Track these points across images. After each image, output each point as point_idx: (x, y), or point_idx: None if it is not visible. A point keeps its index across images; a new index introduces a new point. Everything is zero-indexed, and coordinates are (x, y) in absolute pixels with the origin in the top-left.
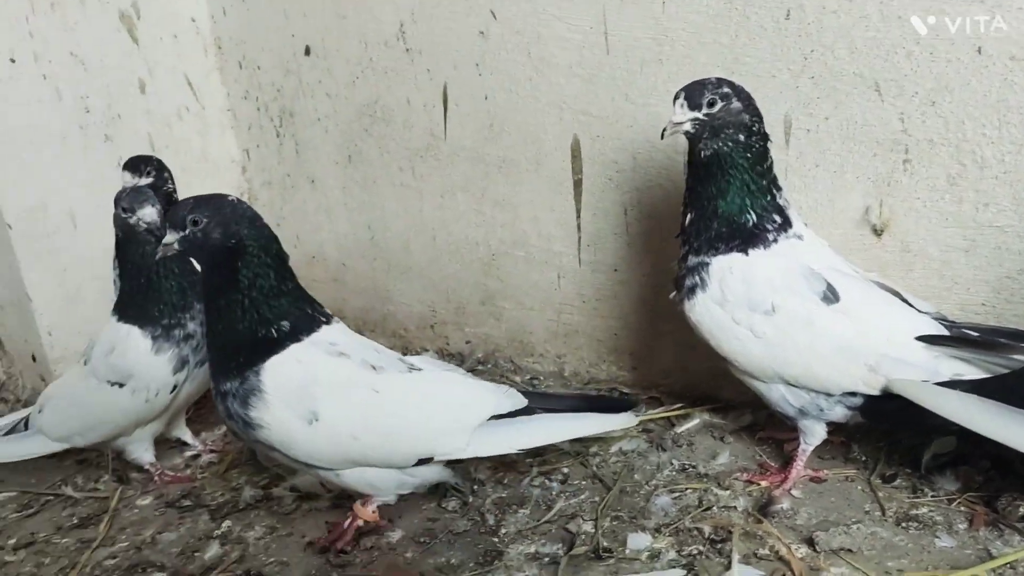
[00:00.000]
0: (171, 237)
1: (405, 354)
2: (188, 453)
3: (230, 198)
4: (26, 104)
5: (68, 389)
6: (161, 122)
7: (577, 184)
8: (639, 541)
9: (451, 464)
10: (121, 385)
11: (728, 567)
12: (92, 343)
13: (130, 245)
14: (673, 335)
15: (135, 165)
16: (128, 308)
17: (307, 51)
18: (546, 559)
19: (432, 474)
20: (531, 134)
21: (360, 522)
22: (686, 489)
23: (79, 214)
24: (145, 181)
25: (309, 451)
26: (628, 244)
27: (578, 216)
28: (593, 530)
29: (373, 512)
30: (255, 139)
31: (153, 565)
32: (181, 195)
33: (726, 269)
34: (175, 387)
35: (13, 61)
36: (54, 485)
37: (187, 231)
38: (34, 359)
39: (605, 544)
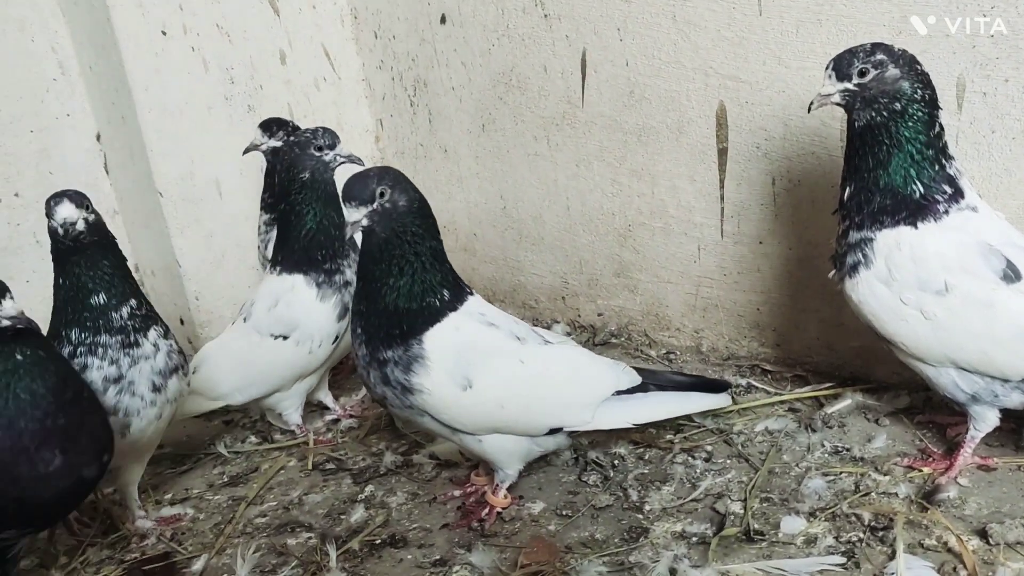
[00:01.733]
0: (358, 214)
1: (535, 326)
2: (329, 417)
3: (393, 168)
4: (176, 75)
5: (228, 348)
6: (300, 92)
7: (722, 153)
8: (793, 525)
9: (571, 435)
10: (285, 337)
11: (892, 556)
12: (251, 300)
13: (314, 189)
14: (819, 312)
15: (267, 125)
16: (289, 258)
17: (443, 19)
18: (694, 538)
19: (554, 444)
20: (673, 101)
21: (498, 509)
22: (840, 473)
23: (224, 182)
24: (275, 143)
25: (459, 416)
26: (775, 215)
27: (721, 186)
28: (742, 511)
29: (505, 497)
30: (389, 109)
31: (301, 525)
32: None
33: (893, 245)
34: (337, 337)
35: (164, 33)
36: (203, 444)
37: (375, 204)
38: (182, 322)
39: (756, 526)
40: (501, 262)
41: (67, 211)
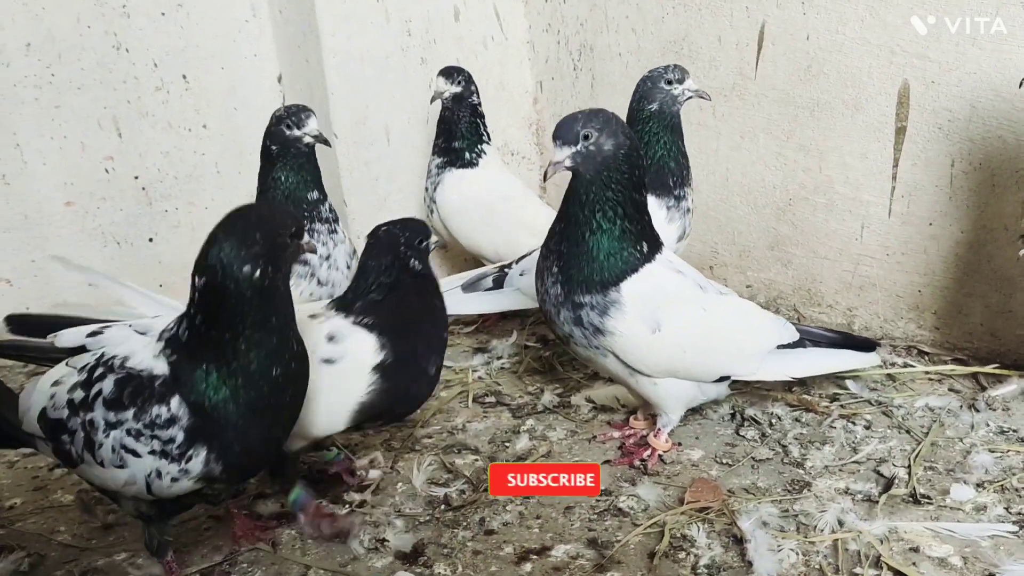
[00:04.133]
0: (562, 154)
1: None
2: (482, 357)
3: (607, 110)
4: (360, 24)
5: None
6: (469, 50)
7: (899, 132)
8: (962, 492)
9: (731, 385)
10: None
11: None
12: None
13: (661, 120)
14: (986, 298)
15: (449, 72)
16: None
17: None
18: (859, 495)
19: (715, 392)
20: (853, 77)
21: (660, 452)
22: (1008, 451)
23: (393, 130)
24: (456, 89)
25: (644, 357)
26: (949, 197)
27: (895, 165)
28: (907, 476)
29: (666, 441)
30: (551, 71)
31: (468, 448)
32: None
33: None
34: None
35: None
36: None
37: (579, 146)
38: None
39: (922, 491)
40: None
41: (315, 123)
